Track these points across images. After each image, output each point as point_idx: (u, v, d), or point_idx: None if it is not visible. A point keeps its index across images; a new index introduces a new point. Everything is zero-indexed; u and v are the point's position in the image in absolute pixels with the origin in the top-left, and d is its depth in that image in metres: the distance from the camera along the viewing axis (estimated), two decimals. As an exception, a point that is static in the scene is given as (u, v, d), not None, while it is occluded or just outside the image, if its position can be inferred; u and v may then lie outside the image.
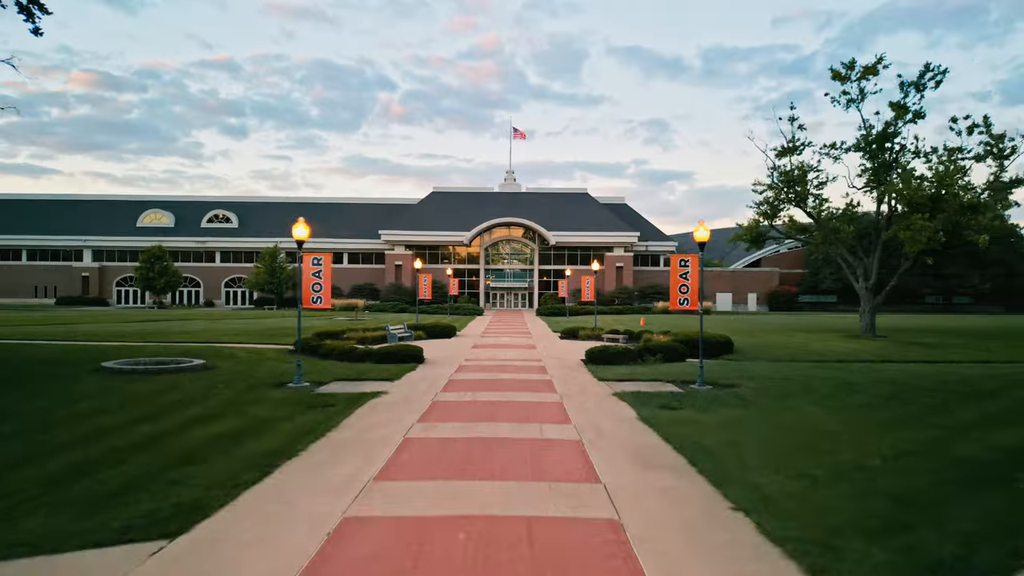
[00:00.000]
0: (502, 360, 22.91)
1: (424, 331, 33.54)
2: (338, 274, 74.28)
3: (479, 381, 17.38)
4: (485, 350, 26.80)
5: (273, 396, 14.80)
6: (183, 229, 76.16)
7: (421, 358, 22.21)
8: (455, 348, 27.57)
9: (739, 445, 9.84)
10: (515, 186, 79.91)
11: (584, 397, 14.89)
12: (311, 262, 17.09)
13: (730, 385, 16.40)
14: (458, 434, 10.86)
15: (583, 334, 33.40)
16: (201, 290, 75.70)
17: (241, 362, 21.79)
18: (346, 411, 12.88)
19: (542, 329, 41.06)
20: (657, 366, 21.00)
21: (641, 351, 22.51)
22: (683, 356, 23.03)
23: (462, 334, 36.09)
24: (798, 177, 36.35)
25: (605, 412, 13.02)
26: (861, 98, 36.84)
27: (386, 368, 19.97)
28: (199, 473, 8.37)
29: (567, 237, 71.31)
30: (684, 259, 16.96)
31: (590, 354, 22.00)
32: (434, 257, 73.98)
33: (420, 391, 15.66)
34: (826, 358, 24.23)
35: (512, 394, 15.15)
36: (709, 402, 13.94)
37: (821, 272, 72.33)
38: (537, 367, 20.93)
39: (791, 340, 32.04)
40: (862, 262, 36.70)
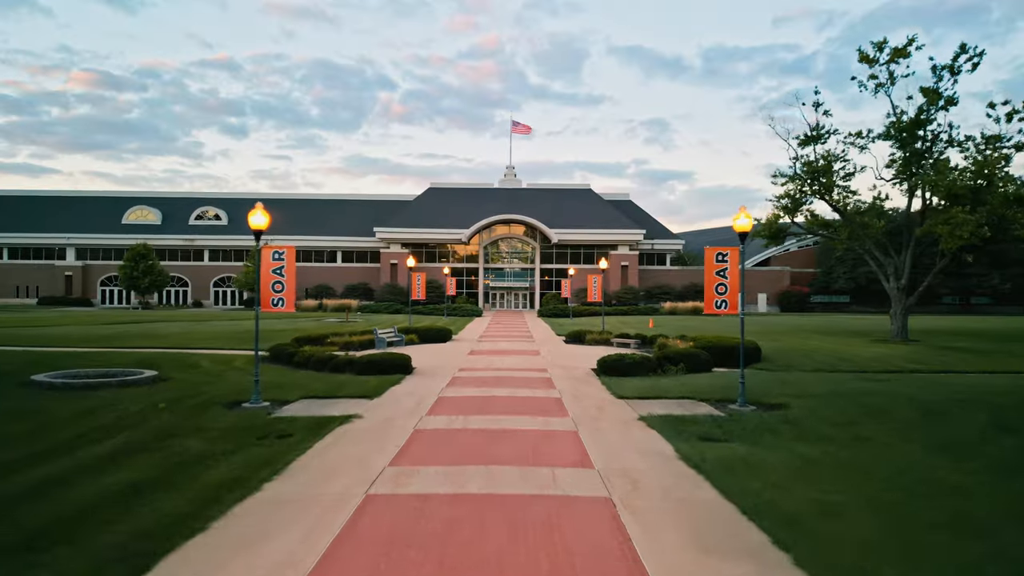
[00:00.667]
0: (502, 370, 20.10)
1: (417, 335, 30.74)
2: (331, 273, 71.48)
3: (474, 399, 14.56)
4: (483, 357, 24.00)
5: (219, 421, 11.99)
6: (170, 226, 73.33)
7: (408, 368, 19.40)
8: (449, 355, 24.76)
9: (837, 512, 7.02)
10: (515, 182, 77.07)
11: (603, 422, 12.07)
12: (271, 256, 14.29)
13: (777, 405, 13.59)
14: (441, 486, 8.04)
15: (590, 338, 30.59)
16: (189, 290, 72.86)
17: (202, 373, 18.98)
18: (302, 445, 10.08)
19: (545, 332, 38.26)
20: (680, 378, 18.20)
21: (660, 360, 19.71)
22: (708, 365, 20.23)
23: (458, 338, 33.28)
24: (823, 167, 33.50)
25: (633, 446, 10.20)
26: (891, 82, 34.03)
27: (366, 381, 17.16)
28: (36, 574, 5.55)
29: (570, 235, 68.50)
30: (722, 252, 14.13)
31: (603, 364, 19.19)
32: (431, 256, 71.16)
33: (401, 414, 12.84)
34: (867, 367, 21.42)
35: (513, 419, 12.33)
36: (760, 431, 11.13)
37: (834, 271, 69.52)
38: (542, 379, 18.11)
39: (818, 345, 29.22)
40: (892, 260, 33.82)
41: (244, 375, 18.77)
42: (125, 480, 8.10)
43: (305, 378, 17.99)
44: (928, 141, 33.21)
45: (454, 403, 14.08)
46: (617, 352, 20.62)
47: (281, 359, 21.86)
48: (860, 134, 34.83)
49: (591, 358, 23.63)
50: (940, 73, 33.10)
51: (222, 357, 23.20)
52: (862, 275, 66.10)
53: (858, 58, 34.93)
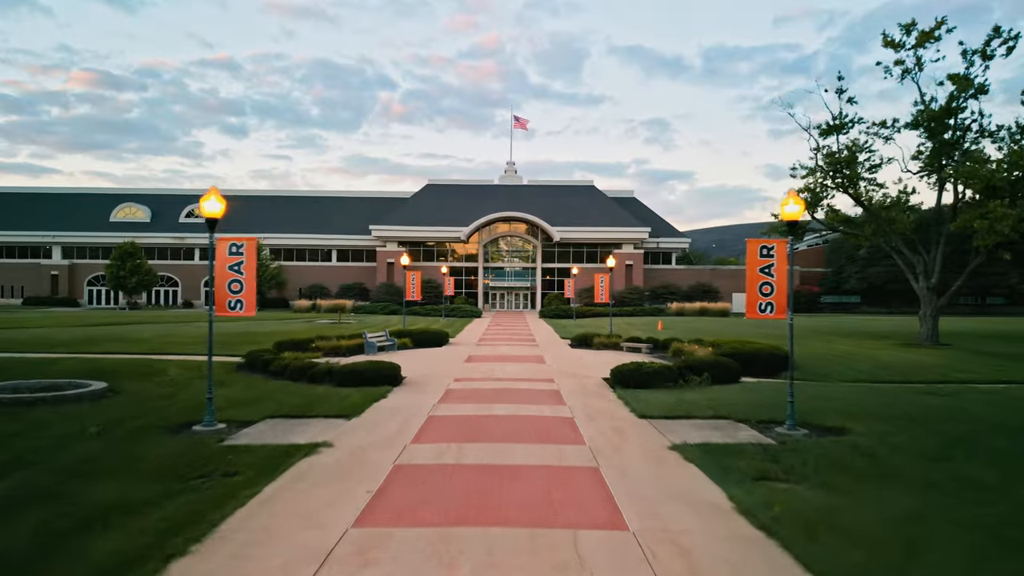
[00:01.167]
0: (503, 380, 17.82)
1: (411, 339, 28.47)
2: (326, 273, 69.22)
3: (470, 420, 12.29)
4: (481, 364, 21.72)
5: (156, 452, 9.74)
6: (160, 224, 71.02)
7: (397, 379, 17.13)
8: (444, 361, 22.47)
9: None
10: (516, 179, 74.78)
11: (628, 453, 9.80)
12: (227, 250, 12.00)
13: (835, 429, 11.32)
14: (422, 569, 5.75)
15: (598, 342, 28.32)
16: (179, 290, 70.55)
17: (161, 384, 16.71)
18: (245, 492, 7.81)
19: (548, 334, 35.98)
20: (706, 391, 15.94)
21: (681, 369, 17.42)
22: (736, 375, 17.95)
23: (456, 341, 31.00)
24: (847, 159, 31.22)
25: (674, 491, 7.93)
26: (918, 68, 31.81)
27: (347, 396, 14.89)
28: None
29: (572, 233, 66.21)
30: (767, 245, 11.84)
31: (618, 374, 16.90)
32: (429, 255, 68.87)
33: (381, 441, 10.56)
34: (912, 376, 19.17)
35: (518, 448, 10.06)
36: (827, 466, 8.87)
37: (845, 271, 67.22)
38: (548, 392, 15.84)
39: (846, 349, 26.95)
40: (922, 258, 31.53)
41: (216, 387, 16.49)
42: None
43: (278, 391, 15.72)
44: (959, 131, 30.98)
45: (446, 425, 11.80)
46: (633, 360, 18.34)
47: (256, 367, 19.59)
48: (884, 124, 32.59)
49: (601, 365, 21.37)
50: (971, 58, 30.92)
51: (195, 364, 20.92)
52: (874, 275, 63.86)
53: (882, 42, 32.81)
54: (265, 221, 71.00)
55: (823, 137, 32.25)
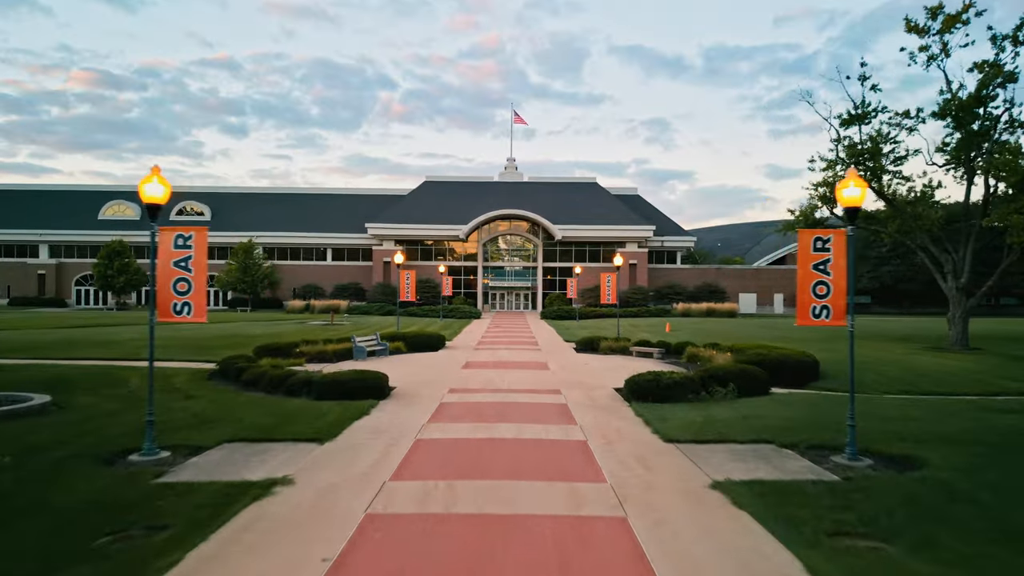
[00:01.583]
0: (503, 391, 15.87)
1: (404, 342, 26.53)
2: (321, 272, 67.30)
3: (464, 446, 10.36)
4: (480, 372, 19.77)
5: (73, 489, 7.85)
6: (150, 222, 68.93)
7: (383, 390, 15.18)
8: (439, 368, 20.53)
9: None
10: (516, 175, 72.79)
11: (660, 494, 7.86)
12: (172, 242, 10.06)
13: (906, 460, 9.39)
14: None
15: (605, 346, 26.38)
16: (170, 290, 68.46)
17: (116, 399, 14.79)
18: (167, 558, 5.87)
19: (550, 337, 34.04)
20: (735, 404, 14.03)
21: (704, 379, 15.47)
22: (764, 386, 16.01)
23: (453, 344, 29.05)
24: (870, 150, 29.25)
25: (730, 555, 5.99)
26: (945, 54, 29.82)
27: (325, 412, 12.96)
28: None
29: (574, 231, 64.24)
30: (822, 237, 9.91)
31: (633, 385, 14.95)
32: (427, 254, 66.91)
33: (355, 477, 8.62)
34: (959, 388, 17.23)
35: (522, 487, 8.11)
36: (917, 515, 6.94)
37: (858, 270, 65.17)
38: (555, 407, 13.91)
39: (872, 355, 25.01)
40: (950, 256, 29.57)
41: (174, 399, 14.58)
42: None
43: (248, 405, 13.80)
44: (989, 120, 29.02)
45: (436, 454, 9.86)
46: (650, 370, 16.39)
47: (229, 376, 17.65)
48: (907, 114, 30.58)
49: (611, 373, 19.44)
50: (1001, 44, 28.96)
51: (164, 372, 18.99)
52: (886, 274, 61.92)
53: (905, 28, 30.85)
54: (258, 219, 69.05)
55: (844, 127, 30.29)
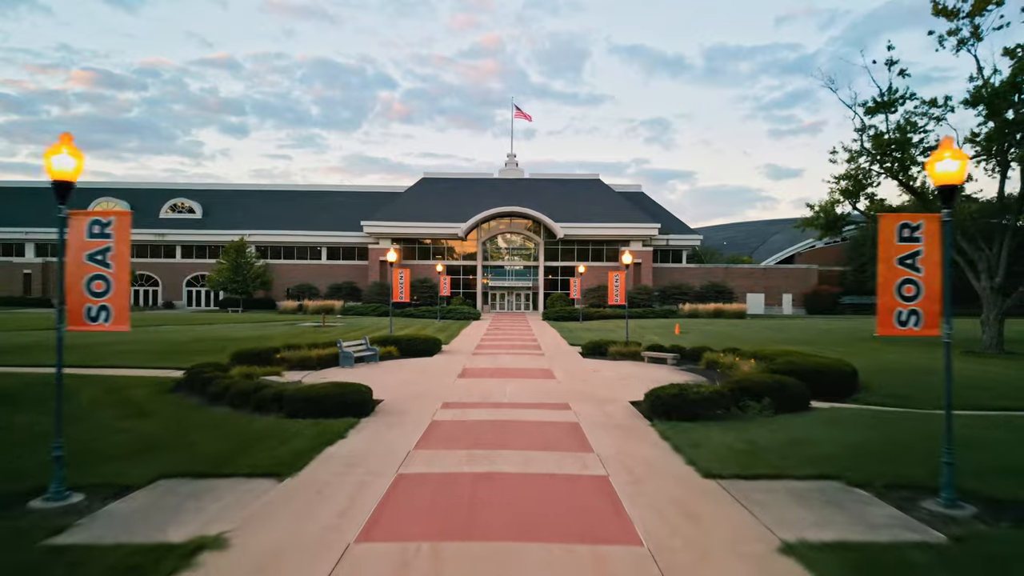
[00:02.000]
0: (504, 407, 13.85)
1: (397, 346, 24.52)
2: (315, 272, 65.27)
3: (455, 484, 8.32)
4: (478, 381, 17.75)
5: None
6: (139, 220, 66.80)
7: (366, 406, 13.14)
8: (433, 377, 18.50)
9: None
10: (517, 172, 70.70)
11: (716, 566, 5.82)
12: (87, 231, 8.00)
13: (1015, 504, 7.35)
14: None
15: (614, 351, 24.37)
16: (160, 289, 66.50)
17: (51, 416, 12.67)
18: None
19: (554, 340, 32.01)
20: (774, 424, 12.04)
21: (734, 392, 13.45)
22: (803, 401, 14.00)
23: (450, 349, 27.02)
24: (898, 140, 27.21)
25: None
26: (975, 38, 27.79)
27: (294, 434, 10.97)
28: None
29: (577, 229, 62.19)
30: (910, 223, 7.87)
31: (655, 400, 12.91)
32: (424, 252, 64.86)
33: (310, 536, 6.59)
34: (1020, 401, 15.19)
35: (530, 553, 6.09)
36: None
37: (869, 269, 63.06)
38: (566, 428, 11.89)
39: (904, 360, 22.98)
40: (984, 254, 27.55)
41: (122, 417, 12.57)
42: None
43: (205, 426, 11.78)
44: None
45: (421, 494, 7.83)
46: (673, 382, 14.37)
47: (195, 387, 15.63)
48: (935, 102, 28.56)
49: (625, 383, 17.43)
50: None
51: (123, 382, 16.99)
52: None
53: (932, 10, 28.76)
54: (251, 217, 67.03)
55: (869, 116, 28.24)
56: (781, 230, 79.21)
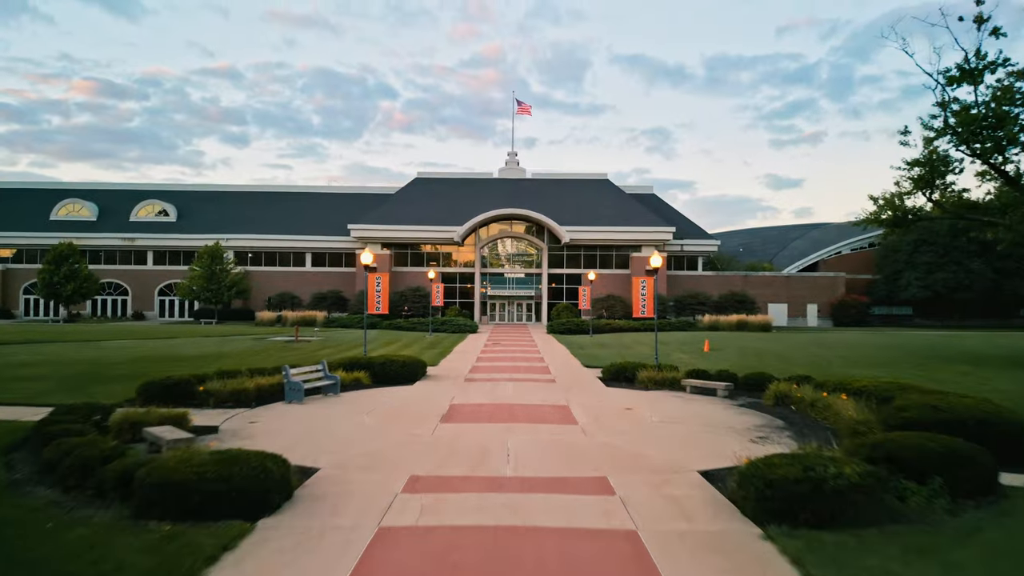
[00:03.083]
0: (506, 486, 8.55)
1: (370, 371, 19.28)
2: (299, 280, 60.02)
3: None
4: (467, 430, 12.43)
5: None
6: (108, 223, 61.71)
7: (269, 499, 7.74)
8: (403, 423, 13.15)
9: None
10: (518, 171, 65.54)
11: None
12: None
13: None
14: None
15: (645, 377, 19.07)
16: (129, 299, 61.16)
17: None
18: None
19: (564, 359, 26.72)
20: (978, 538, 6.72)
21: (880, 465, 8.15)
22: (990, 479, 8.67)
23: (437, 373, 21.70)
24: (995, 115, 21.95)
25: None
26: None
27: (113, 569, 5.63)
28: None
29: (584, 233, 57.02)
30: None
31: (767, 491, 7.52)
32: (417, 259, 59.64)
33: None
34: None
35: None
36: None
37: (903, 277, 57.79)
38: (618, 545, 6.60)
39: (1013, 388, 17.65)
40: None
41: None
42: None
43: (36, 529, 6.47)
44: None
45: None
46: (781, 453, 9.14)
47: (36, 447, 10.31)
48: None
49: (679, 433, 12.14)
50: None
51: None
52: (939, 281, 54.56)
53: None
54: (230, 220, 61.80)
55: (952, 87, 23.00)
56: (801, 235, 74.03)
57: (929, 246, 55.54)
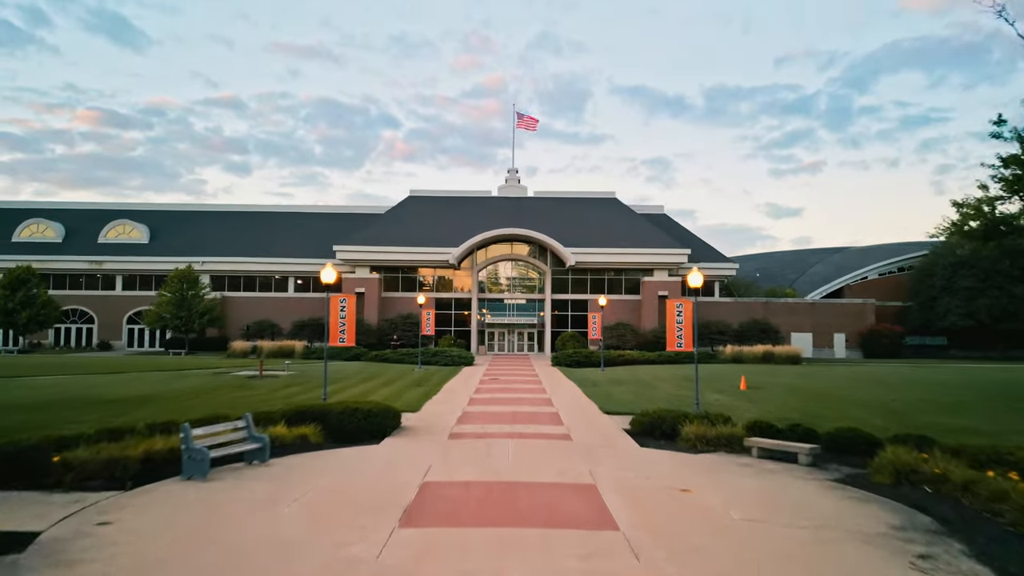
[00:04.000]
0: None
1: (323, 423, 14.39)
2: (280, 306, 55.13)
3: None
4: (443, 543, 7.46)
5: None
6: (74, 245, 57.04)
7: None
8: (346, 518, 8.13)
9: None
10: (519, 189, 61.09)
11: None
12: None
13: None
14: None
15: (690, 433, 14.21)
16: (95, 327, 56.20)
17: None
18: None
19: (576, 402, 21.77)
20: None
21: None
22: None
23: (414, 424, 16.71)
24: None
25: None
26: None
27: None
28: None
29: (591, 256, 52.36)
30: None
31: None
32: (409, 283, 54.89)
33: None
34: None
35: None
36: None
37: (940, 304, 52.82)
38: None
39: None
40: None
41: None
42: None
43: None
44: None
45: None
46: None
47: None
48: None
49: (774, 539, 7.02)
50: None
51: None
52: (982, 308, 49.64)
53: None
54: (206, 242, 57.16)
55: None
56: (821, 260, 69.32)
57: (969, 269, 50.70)
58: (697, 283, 17.89)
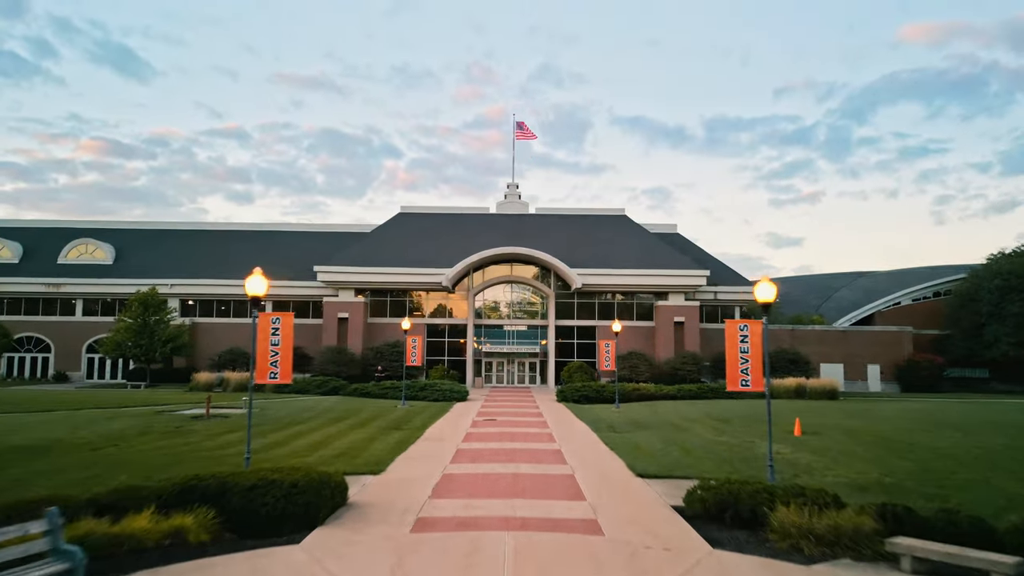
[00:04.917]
0: None
1: (219, 506, 9.22)
2: (256, 333, 49.85)
3: None
4: None
5: None
6: (31, 266, 52.10)
7: None
8: None
9: None
10: (520, 205, 56.37)
11: None
12: None
13: None
14: None
15: (787, 521, 9.05)
16: (52, 356, 50.97)
17: None
18: None
19: (596, 459, 16.62)
20: None
21: None
22: None
23: (367, 500, 11.54)
24: None
25: None
26: None
27: None
28: None
29: (599, 278, 47.49)
30: None
31: None
32: (398, 308, 49.88)
33: None
34: None
35: None
36: None
37: (987, 333, 47.69)
38: None
39: None
40: None
41: None
42: None
43: None
44: None
45: None
46: None
47: None
48: None
49: None
50: None
51: None
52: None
53: None
54: (174, 263, 52.27)
55: None
56: (847, 284, 64.33)
57: (1019, 294, 45.70)
58: (768, 296, 12.85)
